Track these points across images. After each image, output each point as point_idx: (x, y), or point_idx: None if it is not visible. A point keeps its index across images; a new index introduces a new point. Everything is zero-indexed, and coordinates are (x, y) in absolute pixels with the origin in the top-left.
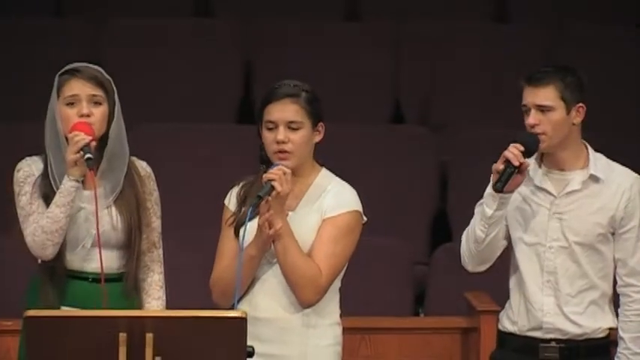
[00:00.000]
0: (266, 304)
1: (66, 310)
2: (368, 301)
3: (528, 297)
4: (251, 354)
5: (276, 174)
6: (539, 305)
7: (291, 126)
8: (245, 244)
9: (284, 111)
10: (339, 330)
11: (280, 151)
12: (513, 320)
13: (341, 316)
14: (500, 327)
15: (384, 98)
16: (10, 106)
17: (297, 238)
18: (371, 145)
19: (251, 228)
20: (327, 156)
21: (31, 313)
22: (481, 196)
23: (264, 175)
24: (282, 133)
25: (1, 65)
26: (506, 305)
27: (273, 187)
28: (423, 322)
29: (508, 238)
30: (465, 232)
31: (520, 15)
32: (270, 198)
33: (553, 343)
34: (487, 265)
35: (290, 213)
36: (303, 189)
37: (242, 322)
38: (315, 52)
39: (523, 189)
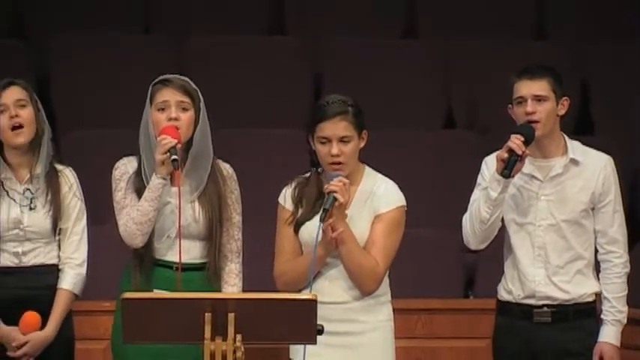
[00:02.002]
0: (330, 291)
1: (158, 292)
2: (424, 286)
3: (522, 270)
4: (320, 331)
5: (337, 185)
6: (532, 277)
7: (343, 140)
8: (309, 245)
9: (336, 129)
10: (390, 307)
11: (334, 163)
12: (508, 290)
13: (395, 298)
14: (498, 297)
15: (437, 107)
16: (106, 113)
17: (356, 235)
18: (425, 148)
19: (315, 228)
20: (387, 158)
21: (128, 295)
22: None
23: (325, 187)
24: (335, 148)
25: (97, 77)
26: (502, 278)
27: (335, 199)
28: (473, 304)
29: (502, 220)
30: (465, 217)
31: (556, 32)
32: (333, 208)
33: (545, 308)
34: (487, 243)
35: (346, 213)
36: (354, 190)
37: (313, 303)
38: (375, 65)
39: (515, 178)
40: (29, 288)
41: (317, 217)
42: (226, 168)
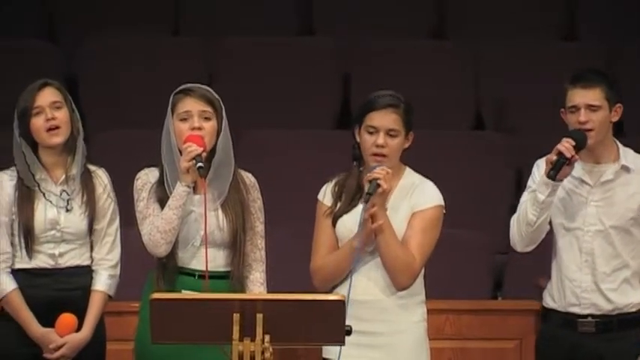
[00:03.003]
0: (364, 288)
1: (186, 293)
2: (453, 286)
3: (568, 276)
4: (349, 332)
5: (380, 173)
6: (578, 283)
7: (390, 133)
8: (345, 239)
9: (385, 119)
10: (424, 308)
11: (377, 154)
12: (554, 297)
13: (426, 296)
14: (544, 303)
15: (466, 108)
16: (134, 114)
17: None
18: (456, 149)
19: (354, 221)
20: (419, 158)
21: (156, 295)
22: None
23: (368, 175)
24: (382, 138)
25: (126, 79)
26: (548, 284)
27: (378, 185)
28: (501, 305)
29: (550, 224)
30: (513, 218)
31: (586, 33)
32: (374, 195)
33: (589, 318)
34: (533, 246)
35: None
36: (394, 186)
37: (341, 304)
38: (404, 65)
39: (564, 182)
40: (63, 289)
41: (355, 211)
42: (248, 177)
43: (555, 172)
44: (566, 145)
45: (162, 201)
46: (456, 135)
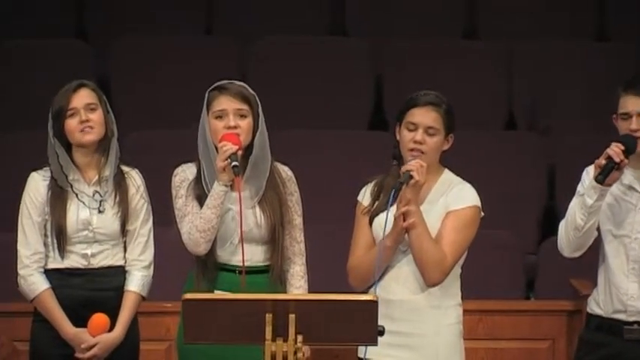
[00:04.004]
0: (398, 288)
1: (218, 293)
2: (486, 286)
3: (615, 283)
4: (381, 333)
5: (414, 165)
6: (625, 290)
7: (429, 131)
8: (380, 237)
9: (425, 116)
10: (460, 310)
11: (414, 150)
12: (600, 304)
13: (461, 298)
14: (588, 310)
15: (499, 108)
16: (167, 114)
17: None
18: (488, 149)
19: (387, 219)
20: (452, 158)
21: (188, 296)
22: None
23: (403, 167)
24: (420, 135)
25: (159, 78)
26: (594, 290)
27: (411, 176)
28: (534, 305)
29: (598, 230)
30: (562, 223)
31: (617, 33)
32: (407, 186)
33: (635, 326)
34: (581, 252)
35: (420, 205)
36: (430, 184)
37: (374, 304)
38: (436, 65)
39: (613, 188)
40: (96, 290)
41: (391, 210)
42: (285, 170)
43: (604, 177)
44: (615, 150)
45: (201, 198)
46: (489, 135)
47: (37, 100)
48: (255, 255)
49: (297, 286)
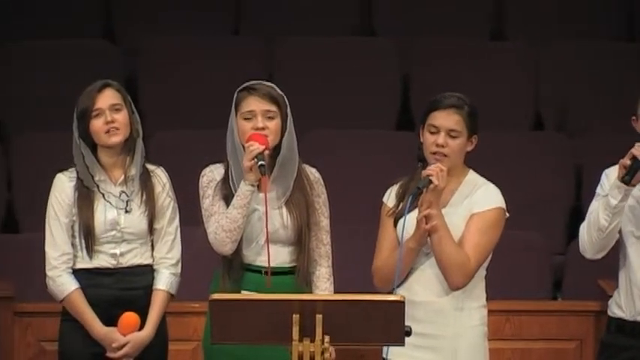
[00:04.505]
0: (422, 289)
1: (245, 294)
2: (513, 287)
3: (638, 284)
4: (409, 333)
5: (434, 170)
6: None
7: (451, 134)
8: (405, 237)
9: (447, 119)
10: (484, 312)
11: (437, 153)
12: (621, 307)
13: (486, 299)
14: (609, 312)
15: (526, 109)
16: (195, 114)
17: (449, 228)
18: (515, 150)
19: (409, 222)
20: (479, 158)
21: (215, 296)
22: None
23: (423, 172)
24: (442, 138)
25: (186, 79)
26: (615, 293)
27: (431, 181)
28: (561, 306)
29: (619, 232)
30: (583, 226)
31: None
32: (427, 190)
33: None
34: (604, 253)
35: (443, 208)
36: (454, 187)
37: (401, 305)
38: (464, 66)
39: (634, 190)
40: (126, 289)
41: (415, 212)
42: (312, 172)
43: (630, 177)
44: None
45: (228, 198)
46: (516, 135)
47: (64, 100)
48: (280, 256)
49: (323, 289)
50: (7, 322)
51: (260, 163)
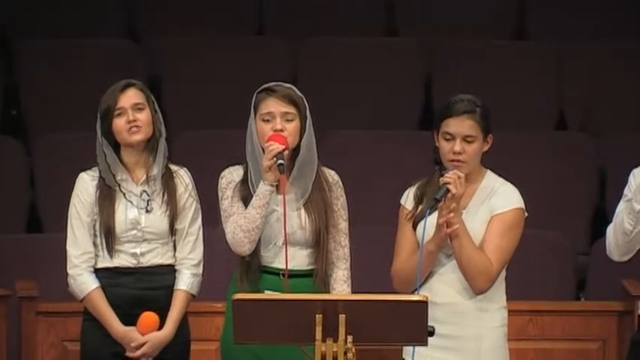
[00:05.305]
0: (443, 291)
1: (269, 294)
2: (536, 287)
3: None
4: (432, 333)
5: (451, 178)
6: None
7: (467, 139)
8: (424, 240)
9: (461, 126)
10: (505, 313)
11: (454, 160)
12: None
13: (507, 300)
14: (638, 312)
15: (549, 109)
16: (218, 114)
17: (470, 232)
18: (539, 150)
19: (428, 224)
20: (502, 159)
21: (239, 296)
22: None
23: (440, 179)
24: (458, 145)
25: (210, 78)
26: None
27: (448, 190)
28: (584, 306)
29: None
30: (610, 227)
31: None
32: (445, 200)
33: None
34: (630, 255)
35: (463, 211)
36: (473, 189)
37: (424, 304)
38: (487, 65)
39: None
40: (146, 288)
41: (434, 215)
42: (331, 175)
43: None
44: None
45: (247, 200)
46: (539, 136)
47: (87, 100)
48: (298, 258)
49: (339, 291)
50: (30, 321)
51: (279, 162)
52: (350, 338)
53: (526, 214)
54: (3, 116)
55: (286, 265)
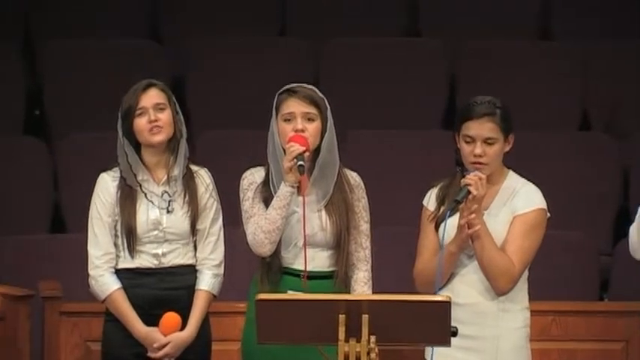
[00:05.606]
0: (465, 292)
1: (291, 294)
2: (559, 287)
3: None
4: (455, 333)
5: (472, 179)
6: None
7: (488, 142)
8: (445, 241)
9: (481, 129)
10: (527, 314)
11: (476, 163)
12: None
13: (530, 301)
14: None
15: (573, 109)
16: (240, 114)
17: (492, 233)
18: (562, 150)
19: (449, 225)
20: (526, 159)
21: (262, 296)
22: None
23: (462, 180)
24: (479, 148)
25: (232, 79)
26: None
27: (469, 191)
28: (607, 306)
29: None
30: (632, 227)
31: None
32: (466, 201)
33: None
34: None
35: (485, 212)
36: (495, 190)
37: (447, 305)
38: (511, 66)
39: None
40: (168, 289)
41: (457, 216)
42: (353, 177)
43: None
44: None
45: (268, 201)
46: (563, 136)
47: (110, 100)
48: (319, 260)
49: (360, 292)
50: (53, 322)
51: (299, 163)
52: (373, 338)
53: (548, 214)
54: (26, 116)
55: (305, 267)
